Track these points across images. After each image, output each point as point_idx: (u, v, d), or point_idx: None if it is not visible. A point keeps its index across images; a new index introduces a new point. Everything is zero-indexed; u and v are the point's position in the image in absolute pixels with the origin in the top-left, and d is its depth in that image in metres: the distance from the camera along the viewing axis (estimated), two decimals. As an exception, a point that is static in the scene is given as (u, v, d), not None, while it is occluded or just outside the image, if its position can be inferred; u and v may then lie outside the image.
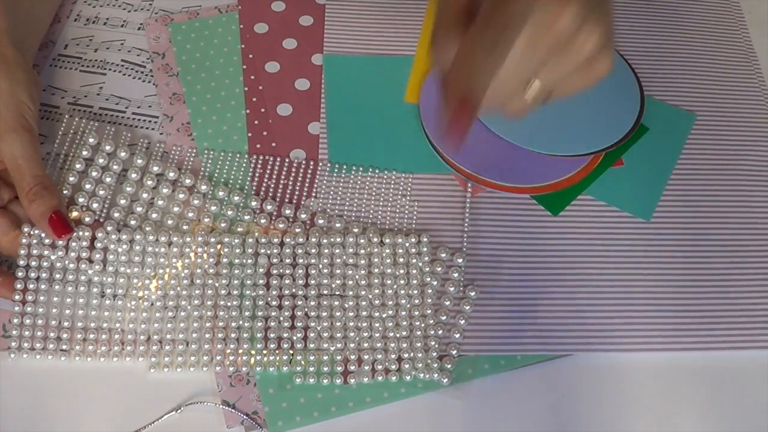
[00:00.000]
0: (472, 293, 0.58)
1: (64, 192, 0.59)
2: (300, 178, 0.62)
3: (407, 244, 0.59)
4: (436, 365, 0.55)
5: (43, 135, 0.63)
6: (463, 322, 0.57)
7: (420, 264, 0.58)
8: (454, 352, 0.55)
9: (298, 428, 0.53)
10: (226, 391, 0.54)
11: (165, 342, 0.55)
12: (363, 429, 0.53)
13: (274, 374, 0.55)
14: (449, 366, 0.55)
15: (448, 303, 0.57)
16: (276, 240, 0.59)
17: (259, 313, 0.56)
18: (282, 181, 0.62)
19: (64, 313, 0.56)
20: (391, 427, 0.53)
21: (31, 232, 0.57)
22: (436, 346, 0.55)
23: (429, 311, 0.57)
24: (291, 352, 0.55)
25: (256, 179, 0.62)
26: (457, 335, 0.56)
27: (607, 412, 0.54)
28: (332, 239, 0.58)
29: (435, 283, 0.58)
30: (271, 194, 0.61)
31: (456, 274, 0.58)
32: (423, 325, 0.56)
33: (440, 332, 0.56)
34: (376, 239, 0.59)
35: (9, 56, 0.57)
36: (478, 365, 0.56)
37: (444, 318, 0.57)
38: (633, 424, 0.54)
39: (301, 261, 0.58)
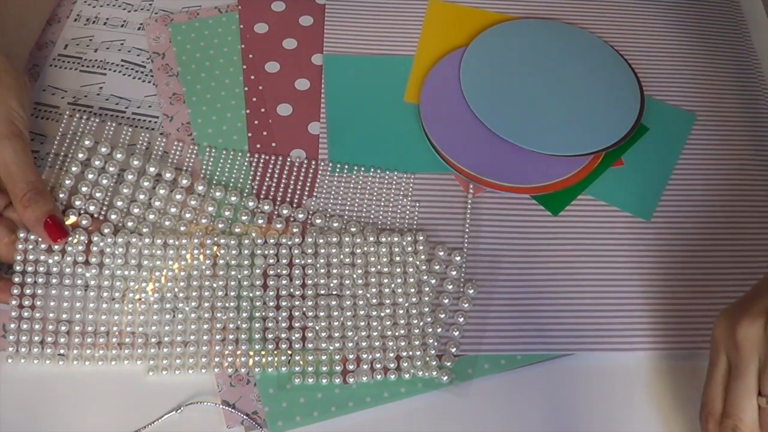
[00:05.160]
0: (471, 291, 0.57)
1: (61, 195, 0.58)
2: (301, 178, 0.62)
3: (404, 243, 0.59)
4: (435, 363, 0.55)
5: (42, 135, 0.63)
6: (462, 320, 0.57)
7: (417, 262, 0.58)
8: (454, 350, 0.55)
9: (298, 428, 0.53)
10: (226, 391, 0.54)
11: (163, 344, 0.55)
12: (363, 429, 0.53)
13: (273, 374, 0.55)
14: (448, 364, 0.55)
15: (446, 301, 0.57)
16: (272, 240, 0.58)
17: (257, 314, 0.56)
18: (283, 181, 0.62)
19: (62, 316, 0.56)
20: (391, 426, 0.53)
21: (27, 238, 0.56)
22: (435, 344, 0.55)
23: (427, 309, 0.56)
24: (289, 352, 0.55)
25: (257, 179, 0.62)
26: (456, 333, 0.56)
27: (607, 412, 0.54)
28: (329, 239, 0.58)
29: (433, 281, 0.57)
30: (271, 194, 0.61)
31: (454, 273, 0.58)
32: (421, 323, 0.56)
33: (439, 330, 0.56)
34: (372, 238, 0.59)
35: None
36: (478, 365, 0.55)
37: (443, 316, 0.57)
38: (632, 423, 0.54)
39: (298, 261, 0.58)
